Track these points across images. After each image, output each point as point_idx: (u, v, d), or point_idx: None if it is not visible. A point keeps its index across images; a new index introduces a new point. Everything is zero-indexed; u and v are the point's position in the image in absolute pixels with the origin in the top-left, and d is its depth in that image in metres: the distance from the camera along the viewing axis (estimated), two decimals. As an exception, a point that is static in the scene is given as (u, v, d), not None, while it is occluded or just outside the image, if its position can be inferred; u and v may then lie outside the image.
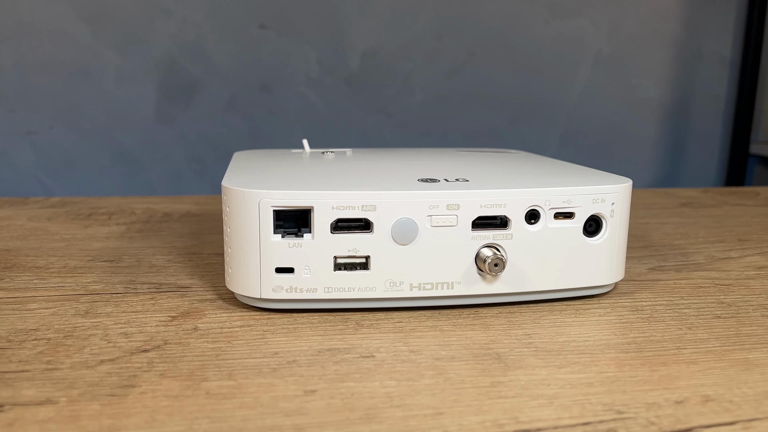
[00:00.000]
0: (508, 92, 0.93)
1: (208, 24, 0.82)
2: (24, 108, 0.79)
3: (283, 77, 0.85)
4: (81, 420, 0.20)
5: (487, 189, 0.29)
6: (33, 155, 0.79)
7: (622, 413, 0.21)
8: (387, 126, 0.89)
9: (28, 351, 0.25)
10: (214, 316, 0.29)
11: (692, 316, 0.30)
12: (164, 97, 0.82)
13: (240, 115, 0.84)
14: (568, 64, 0.94)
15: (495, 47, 0.89)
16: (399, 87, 0.88)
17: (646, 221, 0.49)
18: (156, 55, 0.81)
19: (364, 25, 0.86)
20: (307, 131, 0.86)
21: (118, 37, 0.79)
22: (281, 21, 0.83)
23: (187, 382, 0.23)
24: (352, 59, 0.85)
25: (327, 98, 0.86)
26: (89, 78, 0.80)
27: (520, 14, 0.90)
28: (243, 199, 0.28)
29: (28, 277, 0.33)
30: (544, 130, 0.95)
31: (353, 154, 0.40)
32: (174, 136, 0.82)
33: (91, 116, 0.81)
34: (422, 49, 0.88)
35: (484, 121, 0.92)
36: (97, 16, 0.79)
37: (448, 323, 0.29)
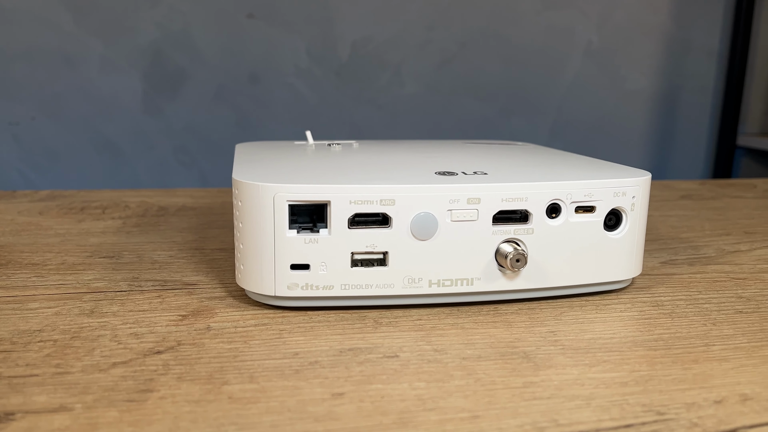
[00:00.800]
0: (499, 83, 0.92)
1: (195, 12, 0.80)
2: (4, 98, 0.76)
3: (271, 67, 0.83)
4: (100, 428, 0.19)
5: (508, 182, 0.28)
6: (15, 147, 0.77)
7: (663, 414, 0.21)
8: (377, 117, 0.88)
9: (35, 353, 0.24)
10: (226, 315, 0.28)
11: (714, 312, 0.29)
12: (150, 87, 0.80)
13: (228, 105, 0.83)
14: (558, 55, 0.93)
15: (486, 38, 0.89)
16: (390, 78, 0.87)
17: (649, 213, 0.48)
18: (141, 44, 0.79)
19: (354, 15, 0.84)
20: (296, 122, 0.84)
21: (102, 25, 0.77)
22: (270, 10, 0.81)
23: (208, 386, 0.22)
24: (342, 49, 0.84)
25: (316, 89, 0.84)
26: (72, 67, 0.78)
27: (512, 5, 0.89)
28: (257, 193, 0.27)
29: (25, 274, 0.32)
30: (535, 121, 0.95)
31: (360, 147, 0.38)
32: (160, 127, 0.80)
33: (75, 106, 0.78)
34: (413, 40, 0.87)
35: (474, 112, 0.91)
36: (80, 3, 0.76)
37: (468, 320, 0.28)
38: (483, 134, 0.93)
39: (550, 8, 0.93)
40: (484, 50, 0.93)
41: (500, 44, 0.93)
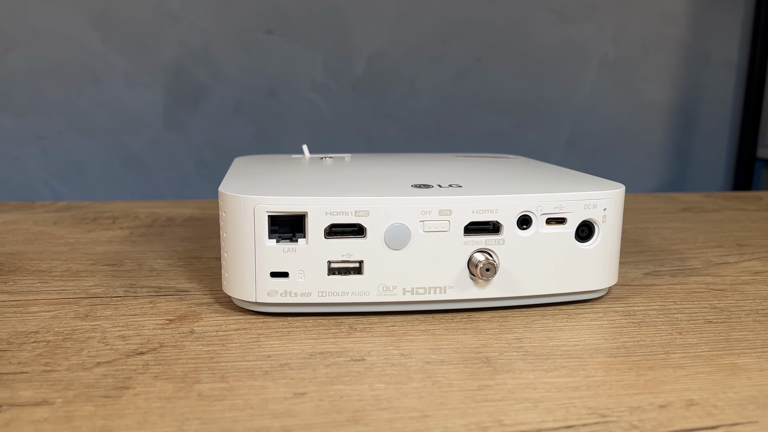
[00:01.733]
0: (514, 96, 0.93)
1: (215, 30, 0.82)
2: (34, 113, 0.80)
3: (289, 82, 0.86)
4: (75, 420, 0.21)
5: (478, 195, 0.29)
6: (43, 160, 0.81)
7: (606, 417, 0.22)
8: (393, 130, 0.89)
9: (28, 353, 0.26)
10: (210, 320, 0.29)
11: (684, 321, 0.30)
12: (172, 102, 0.83)
13: (247, 119, 0.85)
14: (573, 68, 0.94)
15: (501, 52, 0.90)
16: (405, 91, 0.89)
17: (645, 226, 0.49)
18: (164, 61, 0.82)
19: (370, 30, 0.86)
20: (314, 136, 0.86)
21: (127, 43, 0.80)
22: (288, 26, 0.84)
23: (180, 384, 0.23)
24: (357, 64, 0.86)
25: (333, 103, 0.86)
26: (98, 83, 0.81)
27: (527, 19, 0.90)
28: (238, 204, 0.28)
29: (30, 280, 0.34)
30: (550, 134, 0.95)
31: (351, 160, 0.40)
32: (181, 141, 0.83)
33: (100, 121, 0.82)
34: (428, 54, 0.89)
35: (490, 125, 0.92)
36: (106, 23, 0.80)
37: (440, 327, 0.29)
38: (498, 147, 0.94)
39: (566, 22, 0.94)
40: (499, 64, 0.94)
41: (515, 58, 0.94)
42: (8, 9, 0.79)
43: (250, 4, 0.86)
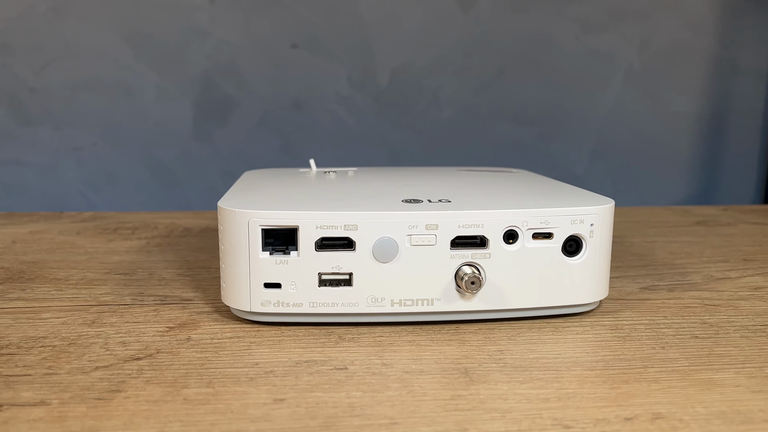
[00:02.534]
0: (538, 107, 0.93)
1: (243, 44, 0.85)
2: (70, 125, 0.83)
3: (314, 95, 0.87)
4: (67, 420, 0.23)
5: (464, 210, 0.30)
6: (78, 170, 0.84)
7: (569, 428, 0.22)
8: (416, 142, 0.90)
9: (34, 357, 0.27)
10: (207, 328, 0.31)
11: (669, 336, 0.31)
12: (200, 115, 0.85)
13: (273, 131, 0.87)
14: (598, 78, 0.94)
15: (524, 63, 0.90)
16: (428, 103, 0.90)
17: (653, 240, 0.49)
18: (192, 75, 0.85)
19: (393, 44, 0.88)
20: (337, 147, 0.88)
21: (158, 58, 0.83)
22: (313, 40, 0.86)
23: (169, 389, 0.25)
24: (381, 77, 0.87)
25: (357, 115, 0.88)
26: (130, 97, 0.84)
27: (551, 31, 0.91)
28: (234, 218, 0.30)
29: (47, 288, 0.36)
30: (575, 145, 0.95)
31: (355, 174, 0.41)
32: (209, 152, 0.85)
33: (132, 133, 0.85)
34: (451, 67, 0.90)
35: (513, 136, 0.93)
36: (138, 39, 0.83)
37: (426, 338, 0.30)
38: (521, 158, 0.94)
39: (589, 33, 0.94)
40: (522, 76, 0.94)
41: (538, 70, 0.94)
42: (47, 26, 0.82)
43: (276, 19, 0.88)
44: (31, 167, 0.84)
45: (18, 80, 0.83)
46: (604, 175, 0.97)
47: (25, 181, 0.84)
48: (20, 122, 0.83)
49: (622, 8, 0.91)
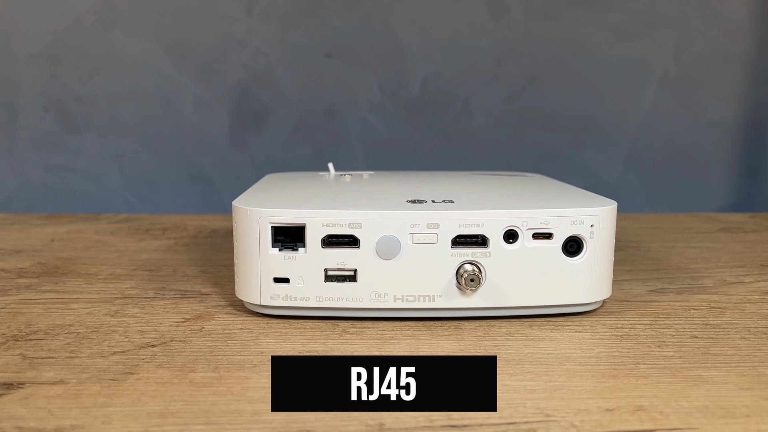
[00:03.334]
0: (570, 116, 0.94)
1: (278, 54, 0.87)
2: (113, 133, 0.87)
3: (346, 103, 0.89)
4: (81, 397, 0.24)
5: (465, 210, 0.31)
6: (120, 176, 0.87)
7: (550, 416, 0.23)
8: (447, 149, 0.91)
9: (59, 342, 0.30)
10: (220, 319, 0.33)
11: (668, 336, 0.31)
12: (237, 123, 0.88)
13: (306, 138, 0.89)
14: (632, 86, 0.93)
15: (557, 71, 0.90)
16: (459, 111, 0.91)
17: (672, 245, 0.49)
18: (230, 84, 0.88)
19: (425, 53, 0.89)
20: (369, 154, 0.90)
21: (197, 68, 0.86)
22: (346, 50, 0.88)
23: (177, 373, 0.27)
24: (412, 85, 0.89)
25: (388, 123, 0.90)
26: (170, 105, 0.87)
27: (583, 38, 0.91)
28: (246, 216, 0.32)
29: (77, 282, 0.38)
30: (608, 152, 0.95)
31: (369, 177, 0.43)
32: (245, 159, 0.88)
33: (171, 141, 0.88)
34: (482, 75, 0.91)
35: (545, 143, 0.93)
36: (178, 50, 0.86)
37: (426, 333, 0.31)
38: (552, 165, 0.94)
39: (623, 40, 0.94)
40: (554, 83, 0.95)
41: (571, 77, 0.94)
42: (93, 39, 0.87)
43: (310, 29, 0.91)
44: (77, 173, 0.88)
45: (66, 90, 0.87)
46: (639, 184, 0.97)
47: (71, 186, 0.88)
48: (68, 130, 0.87)
49: (656, 15, 0.91)
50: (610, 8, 0.89)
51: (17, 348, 0.29)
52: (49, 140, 0.87)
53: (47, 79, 0.86)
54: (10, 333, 0.31)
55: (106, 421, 0.23)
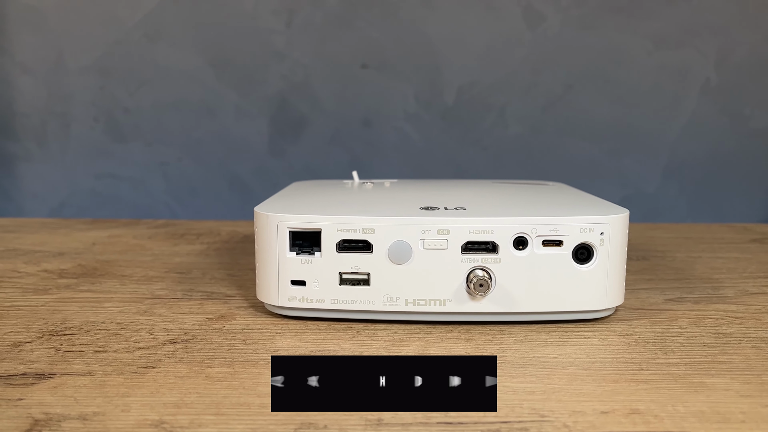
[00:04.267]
0: (607, 124, 0.93)
1: (316, 65, 0.90)
2: (159, 142, 0.91)
3: (382, 113, 0.91)
4: (106, 387, 0.26)
5: (475, 217, 0.32)
6: (164, 183, 0.91)
7: (544, 417, 0.24)
8: (482, 158, 0.92)
9: (90, 337, 0.32)
10: (241, 320, 0.34)
11: (677, 344, 0.31)
12: (275, 132, 0.90)
13: (342, 148, 0.91)
14: (672, 94, 0.92)
15: (594, 80, 0.90)
16: (494, 120, 0.91)
17: (699, 255, 0.49)
18: (269, 94, 0.90)
19: (460, 63, 0.90)
20: (404, 163, 0.91)
21: (238, 79, 0.89)
22: (382, 60, 0.89)
23: (195, 367, 0.28)
24: (448, 94, 0.90)
25: (423, 132, 0.91)
26: (212, 115, 0.90)
27: (621, 46, 0.90)
28: (266, 221, 0.33)
29: (112, 283, 0.41)
30: (646, 162, 0.94)
31: (391, 185, 0.44)
32: (283, 168, 0.90)
33: (213, 149, 0.91)
34: (518, 84, 0.91)
35: (581, 153, 0.93)
36: (220, 62, 0.89)
37: (436, 336, 0.32)
38: (589, 175, 0.94)
39: (662, 48, 0.93)
40: (592, 92, 0.94)
41: (608, 85, 0.94)
42: (140, 52, 0.90)
43: (347, 41, 0.93)
44: (123, 180, 0.92)
45: (115, 101, 0.91)
46: (679, 194, 0.95)
47: (118, 193, 0.92)
48: (115, 139, 0.91)
49: (697, 22, 0.90)
50: (649, 16, 0.89)
51: (52, 342, 0.31)
52: (98, 149, 0.91)
53: (97, 91, 0.90)
54: (46, 328, 0.33)
55: (126, 409, 0.24)
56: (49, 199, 0.91)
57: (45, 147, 0.91)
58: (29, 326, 0.33)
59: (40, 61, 0.90)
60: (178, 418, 0.24)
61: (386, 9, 0.89)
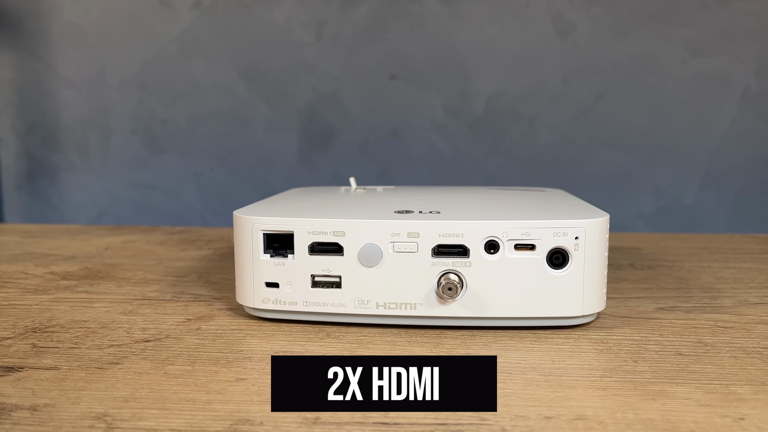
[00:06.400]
0: (641, 134, 0.91)
1: (345, 77, 0.91)
2: (192, 153, 0.93)
3: (410, 123, 0.91)
4: (65, 381, 0.27)
5: (445, 220, 0.32)
6: (197, 193, 0.93)
7: (484, 420, 0.24)
8: (511, 168, 0.91)
9: (69, 335, 0.33)
10: (219, 321, 0.35)
11: (651, 352, 0.30)
12: (305, 143, 0.92)
13: (371, 158, 0.92)
14: (709, 103, 0.89)
15: (626, 89, 0.88)
16: (523, 130, 0.90)
17: (708, 265, 0.47)
18: (299, 106, 0.92)
19: (489, 73, 0.90)
20: (432, 173, 0.91)
21: (269, 92, 0.91)
22: (410, 72, 0.90)
23: (157, 364, 0.29)
24: (476, 104, 0.89)
25: (451, 142, 0.90)
26: (244, 127, 0.92)
27: (654, 54, 0.88)
28: (242, 223, 0.34)
29: (110, 284, 0.42)
30: (682, 172, 0.91)
31: (383, 191, 0.44)
32: (313, 178, 0.91)
33: (244, 160, 0.93)
34: (548, 93, 0.90)
35: (614, 163, 0.91)
36: (252, 75, 0.91)
37: (404, 340, 0.32)
38: (623, 185, 0.92)
39: (699, 55, 0.90)
40: (624, 101, 0.92)
41: (642, 94, 0.92)
42: (176, 66, 0.93)
43: (375, 52, 0.94)
44: (159, 190, 0.95)
45: (152, 114, 0.94)
46: (717, 204, 0.92)
47: (154, 202, 0.95)
48: (152, 151, 0.94)
49: (735, 28, 0.87)
50: (683, 23, 0.86)
51: (32, 338, 0.32)
52: (135, 160, 0.94)
53: (136, 104, 0.94)
54: (32, 326, 0.34)
55: (76, 401, 0.25)
56: (89, 208, 0.95)
57: (86, 158, 0.95)
58: (17, 323, 0.34)
59: (82, 76, 0.94)
60: (121, 412, 0.24)
61: (415, 20, 0.90)
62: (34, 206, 0.96)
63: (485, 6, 0.89)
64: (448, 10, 0.90)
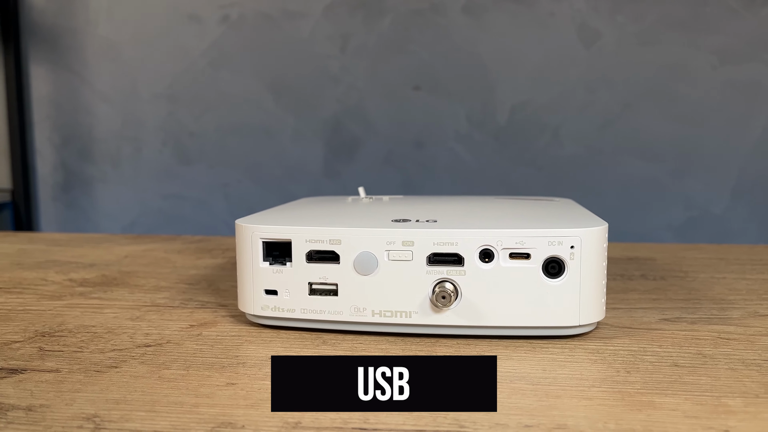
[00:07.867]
0: (669, 143, 0.89)
1: (369, 88, 0.91)
2: (220, 164, 0.95)
3: (434, 134, 0.91)
4: (64, 383, 0.28)
5: (439, 228, 0.32)
6: (225, 204, 0.95)
7: (463, 427, 0.24)
8: (536, 179, 0.90)
9: (75, 339, 0.34)
10: (220, 327, 0.35)
11: (647, 363, 0.30)
12: (330, 154, 0.93)
13: (395, 168, 0.92)
14: (739, 111, 0.88)
15: (654, 97, 0.87)
16: (548, 140, 0.90)
17: (723, 276, 0.46)
18: (325, 117, 0.93)
19: (513, 82, 0.89)
20: (456, 183, 0.91)
21: (295, 103, 0.92)
22: (434, 82, 0.90)
23: (153, 368, 0.30)
24: (500, 114, 0.89)
25: (475, 152, 0.90)
26: (271, 138, 0.94)
27: (683, 62, 0.87)
28: (243, 232, 0.35)
29: (123, 291, 0.43)
30: (712, 182, 0.89)
31: (389, 200, 0.44)
32: (338, 188, 0.92)
33: (271, 171, 0.94)
34: (573, 102, 0.89)
35: (642, 173, 0.89)
36: (279, 87, 0.93)
37: (398, 348, 0.32)
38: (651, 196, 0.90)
39: (728, 63, 0.89)
40: (652, 110, 0.91)
41: (670, 103, 0.90)
42: (204, 79, 0.95)
43: (399, 64, 0.94)
44: (188, 200, 0.96)
45: (181, 126, 0.96)
46: (749, 215, 0.90)
47: (183, 212, 0.96)
48: (182, 162, 0.96)
49: (765, 35, 0.85)
50: (712, 30, 0.85)
51: (39, 342, 0.33)
52: (165, 171, 0.96)
53: (166, 116, 0.96)
54: (41, 330, 0.35)
55: (70, 403, 0.26)
56: (121, 218, 0.97)
57: (119, 169, 0.98)
58: (27, 328, 0.36)
59: (116, 89, 0.96)
60: (111, 413, 0.25)
61: (438, 31, 0.90)
62: (69, 216, 0.99)
63: (509, 16, 0.89)
64: (472, 20, 0.90)
